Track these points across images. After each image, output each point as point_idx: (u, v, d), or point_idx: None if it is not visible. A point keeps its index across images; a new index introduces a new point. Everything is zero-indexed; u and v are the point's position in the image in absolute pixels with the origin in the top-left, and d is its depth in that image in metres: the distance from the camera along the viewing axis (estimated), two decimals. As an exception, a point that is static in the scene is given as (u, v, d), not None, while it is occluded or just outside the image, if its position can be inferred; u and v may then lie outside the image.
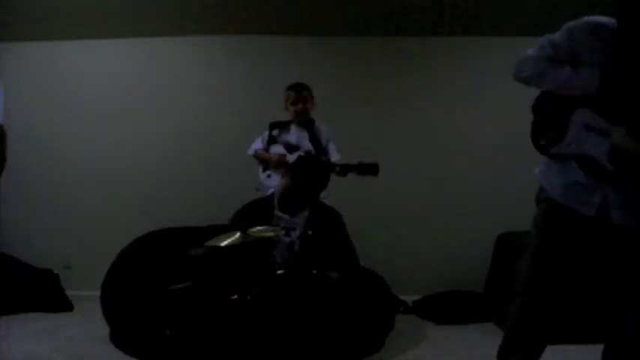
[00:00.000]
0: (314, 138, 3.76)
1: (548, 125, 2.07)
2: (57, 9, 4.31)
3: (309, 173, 3.21)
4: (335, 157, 3.74)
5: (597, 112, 1.94)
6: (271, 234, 2.82)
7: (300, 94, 3.76)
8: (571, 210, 2.03)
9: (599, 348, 2.10)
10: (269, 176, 3.71)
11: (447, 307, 4.10)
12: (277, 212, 3.19)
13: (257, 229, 2.73)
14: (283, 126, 3.82)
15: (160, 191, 4.55)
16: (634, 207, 1.95)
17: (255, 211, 3.19)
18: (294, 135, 3.77)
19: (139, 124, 4.60)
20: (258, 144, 3.84)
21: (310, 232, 2.97)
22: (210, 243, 2.66)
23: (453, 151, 4.50)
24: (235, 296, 2.70)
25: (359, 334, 3.14)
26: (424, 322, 4.00)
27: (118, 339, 3.36)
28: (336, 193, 3.59)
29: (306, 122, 3.79)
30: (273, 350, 2.66)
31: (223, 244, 2.60)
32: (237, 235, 2.63)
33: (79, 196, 4.60)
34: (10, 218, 4.52)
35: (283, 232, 3.05)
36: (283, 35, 4.54)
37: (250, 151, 3.86)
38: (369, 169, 3.41)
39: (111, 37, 4.55)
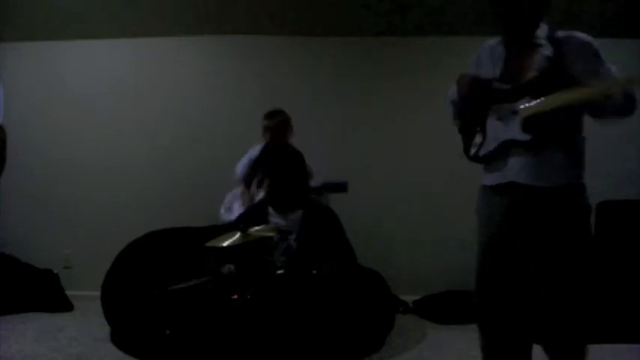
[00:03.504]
0: None
1: (471, 136, 2.23)
2: (57, 9, 4.31)
3: (275, 160, 3.19)
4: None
5: (502, 102, 2.03)
6: (271, 233, 2.82)
7: (275, 124, 3.71)
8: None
9: (597, 348, 2.09)
10: (229, 209, 3.69)
11: (447, 307, 4.09)
12: (272, 217, 3.12)
13: (257, 229, 2.73)
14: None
15: (160, 191, 4.55)
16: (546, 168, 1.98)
17: (257, 212, 3.18)
18: None
19: (139, 124, 4.60)
20: (241, 166, 3.76)
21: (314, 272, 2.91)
22: (211, 243, 2.66)
23: (453, 151, 4.48)
24: (235, 296, 2.70)
25: (359, 333, 3.14)
26: (424, 322, 4.00)
27: (118, 339, 3.37)
28: (336, 193, 3.59)
29: (281, 147, 3.74)
30: (273, 350, 2.66)
31: (223, 244, 2.60)
32: (237, 235, 2.63)
33: (79, 196, 4.60)
34: (10, 218, 4.51)
35: (279, 236, 3.02)
36: (283, 35, 4.55)
37: (239, 174, 3.78)
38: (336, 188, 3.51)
39: (111, 37, 4.55)
